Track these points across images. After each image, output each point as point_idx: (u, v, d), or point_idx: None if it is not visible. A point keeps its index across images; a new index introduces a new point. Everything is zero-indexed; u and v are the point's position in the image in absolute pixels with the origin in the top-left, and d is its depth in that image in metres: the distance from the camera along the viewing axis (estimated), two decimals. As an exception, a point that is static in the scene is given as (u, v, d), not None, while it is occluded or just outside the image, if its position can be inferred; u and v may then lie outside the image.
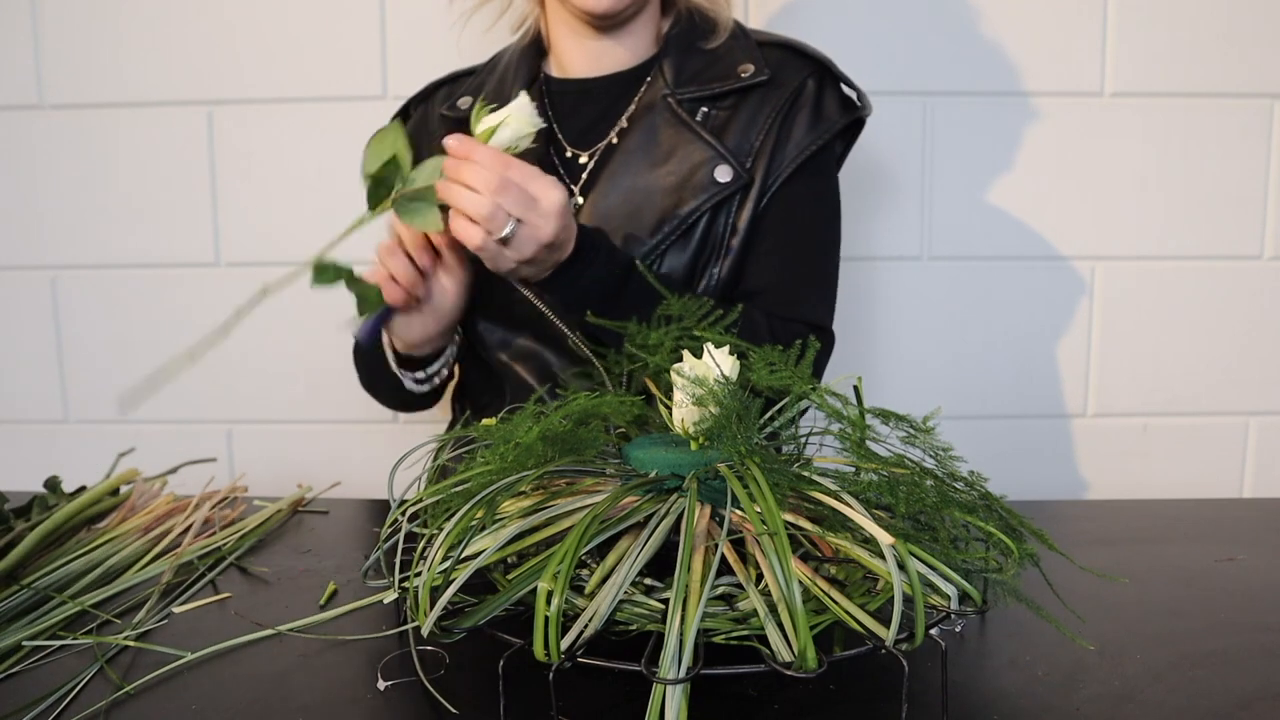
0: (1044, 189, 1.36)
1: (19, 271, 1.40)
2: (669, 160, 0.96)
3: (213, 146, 1.37)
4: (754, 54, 0.99)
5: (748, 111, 0.97)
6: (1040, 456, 1.41)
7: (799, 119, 0.98)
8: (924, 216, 1.37)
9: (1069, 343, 1.39)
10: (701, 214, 0.95)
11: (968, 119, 1.35)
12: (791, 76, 0.98)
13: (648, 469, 0.63)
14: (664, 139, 0.97)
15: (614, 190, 0.96)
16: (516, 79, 1.02)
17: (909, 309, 1.38)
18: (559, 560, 0.50)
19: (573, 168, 1.00)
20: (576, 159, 1.00)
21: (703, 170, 0.96)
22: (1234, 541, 0.84)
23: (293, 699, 0.56)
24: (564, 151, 1.01)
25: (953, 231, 1.37)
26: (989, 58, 1.34)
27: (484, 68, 1.08)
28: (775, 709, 0.54)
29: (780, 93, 0.98)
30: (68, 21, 1.35)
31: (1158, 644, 0.62)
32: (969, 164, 1.36)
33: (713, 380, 0.62)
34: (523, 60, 1.04)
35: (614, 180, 0.97)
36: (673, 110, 0.97)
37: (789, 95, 0.98)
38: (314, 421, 1.43)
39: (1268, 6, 1.32)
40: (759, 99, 0.98)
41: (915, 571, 0.51)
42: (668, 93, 0.98)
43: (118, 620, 0.68)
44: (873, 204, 1.36)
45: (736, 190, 0.96)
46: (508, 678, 0.52)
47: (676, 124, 0.97)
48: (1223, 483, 1.41)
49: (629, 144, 0.98)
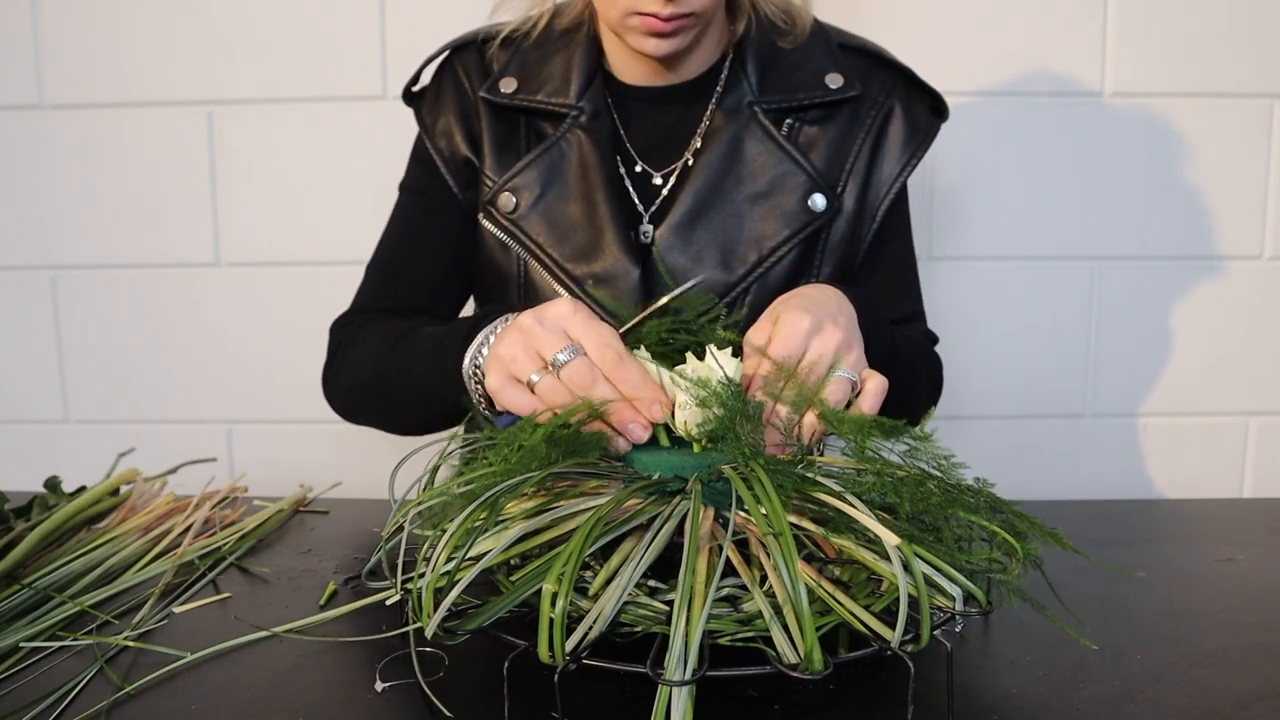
0: (1044, 189, 1.36)
1: (19, 271, 1.40)
2: (756, 180, 0.88)
3: (213, 146, 1.37)
4: (839, 59, 0.90)
5: (838, 128, 0.90)
6: (1040, 456, 1.41)
7: (893, 137, 0.91)
8: (924, 216, 1.37)
9: (1069, 343, 1.39)
10: (795, 245, 0.88)
11: (968, 119, 1.35)
12: (879, 90, 0.91)
13: (651, 471, 0.63)
14: (750, 155, 0.88)
15: (701, 213, 0.87)
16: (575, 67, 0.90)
17: (909, 309, 1.38)
18: (563, 562, 0.50)
19: (644, 186, 0.91)
20: (649, 177, 0.91)
21: (795, 197, 0.88)
22: (1234, 541, 0.84)
23: (292, 699, 0.56)
24: (634, 165, 0.92)
25: (953, 231, 1.37)
26: (988, 58, 1.34)
27: (521, 36, 0.93)
28: (776, 710, 0.54)
29: (872, 110, 0.90)
30: (68, 21, 1.35)
31: (1158, 644, 0.62)
32: (969, 164, 1.36)
33: (715, 382, 0.62)
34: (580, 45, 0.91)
35: (698, 200, 0.87)
36: (759, 122, 0.89)
37: (881, 113, 0.91)
38: (314, 421, 1.43)
39: (1268, 6, 1.32)
40: (849, 115, 0.90)
41: (920, 573, 0.51)
42: (753, 99, 0.89)
43: (116, 620, 0.68)
44: (873, 204, 1.36)
45: (829, 218, 0.89)
46: (511, 679, 0.52)
47: (764, 138, 0.88)
48: (1223, 483, 1.41)
49: (709, 159, 0.88)
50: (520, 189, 0.89)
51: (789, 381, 0.64)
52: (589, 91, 0.90)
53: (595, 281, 0.88)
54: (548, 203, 0.89)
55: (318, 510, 0.97)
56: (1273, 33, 1.32)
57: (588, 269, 0.88)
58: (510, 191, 0.90)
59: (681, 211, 0.88)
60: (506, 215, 0.89)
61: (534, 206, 0.89)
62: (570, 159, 0.89)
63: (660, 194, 0.91)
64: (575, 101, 0.90)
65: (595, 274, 0.88)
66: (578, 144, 0.89)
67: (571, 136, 0.89)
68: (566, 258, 0.89)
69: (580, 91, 0.90)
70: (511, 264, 0.91)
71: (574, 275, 0.89)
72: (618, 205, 0.88)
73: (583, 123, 0.89)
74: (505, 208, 0.90)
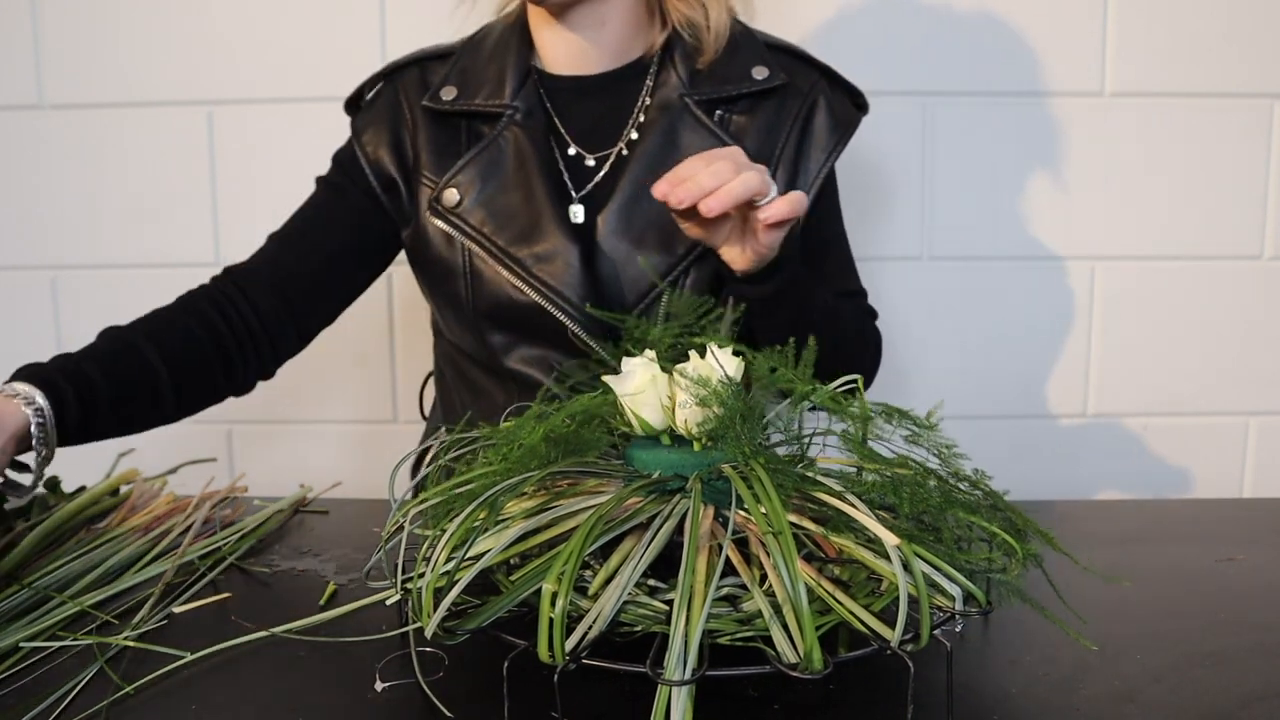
0: (1044, 189, 1.36)
1: (19, 271, 1.40)
2: None
3: (213, 146, 1.37)
4: (764, 55, 0.96)
5: (765, 117, 0.95)
6: (1040, 456, 1.41)
7: (818, 128, 0.96)
8: (924, 216, 1.37)
9: (1069, 343, 1.39)
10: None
11: (968, 119, 1.35)
12: (803, 81, 0.97)
13: (651, 470, 0.63)
14: (686, 143, 0.93)
15: (639, 197, 0.92)
16: (509, 68, 0.96)
17: (909, 309, 1.38)
18: (563, 561, 0.50)
19: (577, 168, 0.97)
20: (582, 159, 0.97)
21: None
22: (1234, 541, 0.84)
23: (292, 699, 0.56)
24: (567, 148, 0.97)
25: (953, 231, 1.37)
26: (989, 58, 1.34)
27: (462, 50, 1.01)
28: (776, 710, 0.54)
29: (797, 98, 0.96)
30: (68, 21, 1.35)
31: (1158, 644, 0.62)
32: (969, 164, 1.36)
33: (715, 381, 0.62)
34: (512, 48, 0.98)
35: (636, 186, 0.92)
36: (692, 112, 0.94)
37: (806, 101, 0.96)
38: (314, 421, 1.43)
39: (1268, 6, 1.32)
40: (776, 104, 0.96)
41: (920, 572, 0.51)
42: (684, 92, 0.95)
43: (116, 621, 0.68)
44: (873, 204, 1.36)
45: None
46: (511, 679, 0.52)
47: (697, 127, 0.94)
48: (1223, 483, 1.41)
49: (646, 148, 0.94)
50: (462, 185, 0.95)
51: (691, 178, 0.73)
52: (523, 90, 0.96)
53: (537, 261, 0.93)
54: (488, 194, 0.95)
55: (318, 510, 0.97)
56: (1273, 33, 1.32)
57: (529, 250, 0.93)
58: (454, 188, 0.95)
59: (622, 198, 0.93)
60: (450, 210, 0.95)
61: (475, 199, 0.95)
62: (507, 154, 0.95)
63: (594, 177, 0.96)
64: (510, 101, 0.96)
65: (536, 254, 0.92)
66: (514, 139, 0.95)
67: (508, 133, 0.95)
68: (508, 242, 0.93)
69: (514, 91, 0.96)
70: (457, 257, 0.96)
71: (516, 258, 0.93)
72: (554, 189, 0.94)
73: (518, 120, 0.95)
74: (449, 203, 0.95)
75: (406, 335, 1.42)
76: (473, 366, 1.04)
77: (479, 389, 1.04)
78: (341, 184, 1.01)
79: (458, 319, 0.99)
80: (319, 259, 0.98)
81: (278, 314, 0.95)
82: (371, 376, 1.42)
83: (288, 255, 0.98)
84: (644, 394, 0.65)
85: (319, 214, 1.01)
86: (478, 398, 1.04)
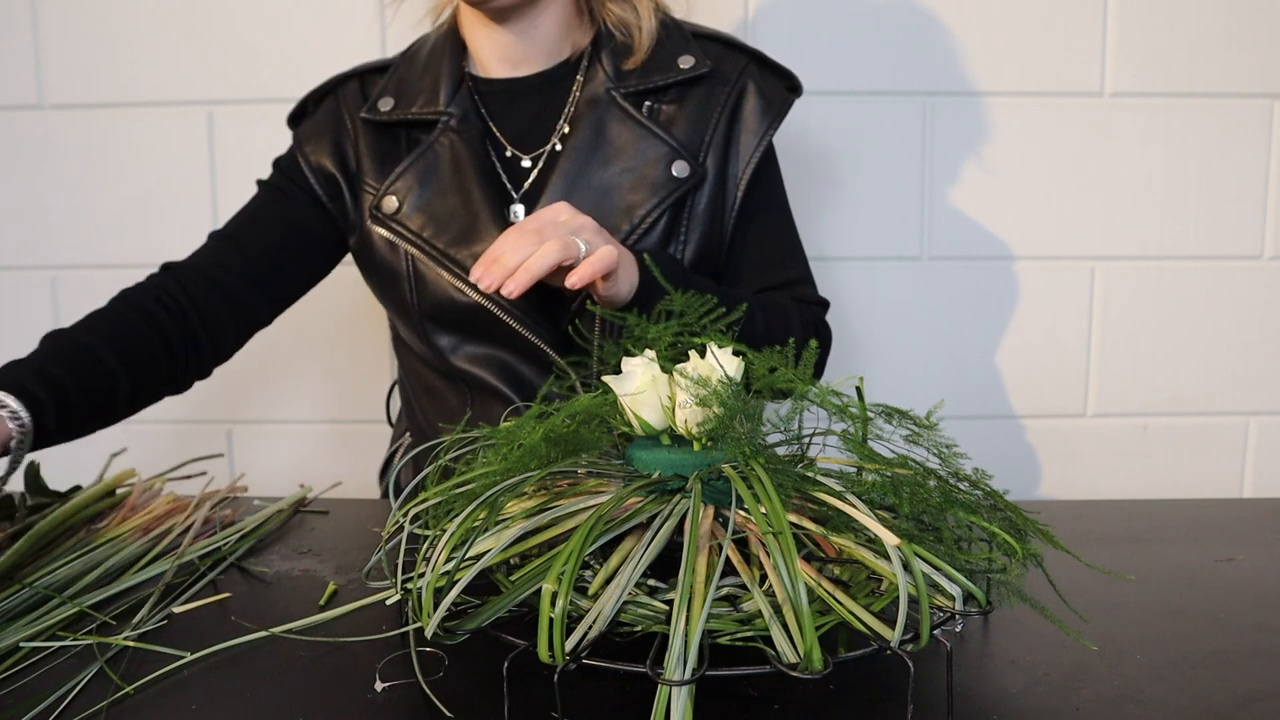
0: (1044, 189, 1.36)
1: (19, 271, 1.40)
2: (621, 157, 0.95)
3: (213, 146, 1.37)
4: (690, 46, 0.98)
5: (694, 104, 0.97)
6: (1040, 456, 1.41)
7: (748, 112, 0.98)
8: (924, 216, 1.37)
9: (1069, 343, 1.39)
10: (663, 211, 0.94)
11: (968, 119, 1.35)
12: (731, 67, 0.99)
13: (651, 470, 0.63)
14: (614, 135, 0.95)
15: (572, 191, 0.94)
16: (443, 76, 0.98)
17: (909, 309, 1.38)
18: (563, 561, 0.50)
19: (514, 169, 0.98)
20: (518, 160, 0.98)
21: (659, 166, 0.95)
22: (1234, 541, 0.84)
23: (292, 699, 0.56)
24: (503, 150, 0.99)
25: (953, 231, 1.37)
26: (989, 58, 1.34)
27: (400, 61, 1.03)
28: (776, 710, 0.54)
29: (725, 84, 0.97)
30: (68, 21, 1.35)
31: (1158, 644, 0.62)
32: (969, 164, 1.36)
33: (716, 381, 0.62)
34: (445, 55, 1.00)
35: (568, 181, 0.94)
36: (619, 105, 0.96)
37: (734, 86, 0.98)
38: (314, 421, 1.43)
39: (1268, 6, 1.32)
40: (704, 92, 0.97)
41: (920, 572, 0.51)
42: (611, 87, 0.96)
43: (113, 622, 0.68)
44: (873, 204, 1.37)
45: (693, 184, 0.95)
46: (511, 679, 0.52)
47: (625, 119, 0.96)
48: (1223, 483, 1.41)
49: (576, 142, 0.95)
50: (401, 191, 0.97)
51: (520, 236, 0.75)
52: (457, 96, 0.98)
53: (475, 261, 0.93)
54: (426, 199, 0.96)
55: (318, 510, 0.97)
56: (1273, 33, 1.32)
57: (468, 251, 0.94)
58: (393, 195, 0.97)
59: (554, 194, 0.94)
60: (390, 216, 0.97)
61: (414, 205, 0.96)
62: (443, 159, 0.97)
63: (530, 175, 0.98)
64: (444, 108, 0.98)
65: (475, 254, 0.93)
66: (450, 144, 0.97)
67: (444, 139, 0.97)
68: (448, 244, 0.95)
69: (449, 98, 0.98)
70: (400, 262, 0.98)
71: (456, 259, 0.95)
72: (491, 190, 0.95)
73: (453, 125, 0.97)
74: (388, 209, 0.97)
75: (406, 335, 1.42)
76: (427, 370, 1.05)
77: (434, 392, 1.05)
78: (285, 187, 1.02)
79: (406, 322, 1.01)
80: (262, 259, 0.98)
81: (218, 312, 0.94)
82: (371, 376, 1.42)
83: (231, 254, 0.97)
84: (644, 394, 0.65)
85: (262, 215, 1.01)
86: (433, 401, 1.05)
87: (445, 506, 0.62)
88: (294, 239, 1.00)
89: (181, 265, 0.96)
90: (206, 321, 0.93)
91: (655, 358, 0.67)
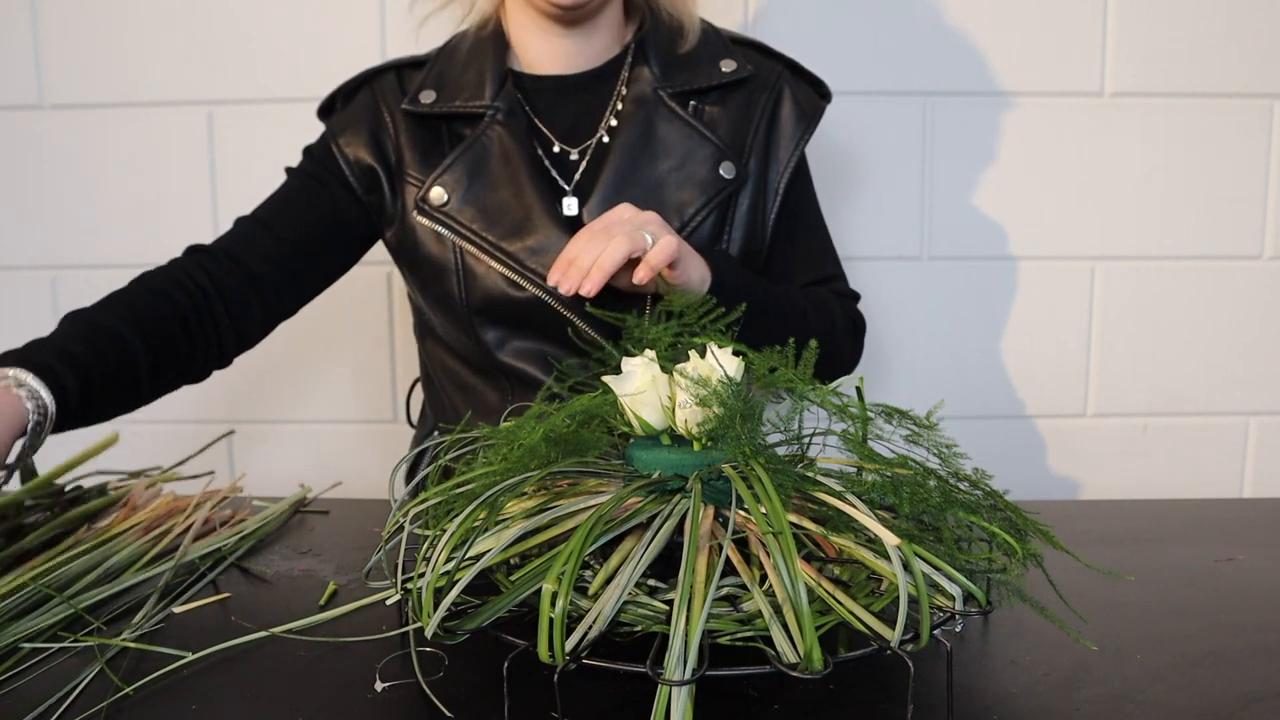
0: (1044, 189, 1.36)
1: (19, 271, 1.40)
2: (670, 155, 0.96)
3: (213, 146, 1.37)
4: (730, 50, 1.01)
5: (736, 107, 0.99)
6: (1040, 456, 1.41)
7: (784, 118, 1.00)
8: (924, 216, 1.37)
9: (1069, 343, 1.39)
10: (711, 210, 0.96)
11: (968, 119, 1.35)
12: (768, 73, 1.01)
13: (651, 469, 0.63)
14: (662, 134, 0.97)
15: (624, 187, 0.95)
16: (487, 71, 0.98)
17: (909, 309, 1.38)
18: (563, 561, 0.50)
19: (563, 163, 0.99)
20: (566, 155, 0.99)
21: (706, 166, 0.96)
22: (1234, 541, 0.84)
23: (292, 699, 0.56)
24: (550, 145, 0.99)
25: (953, 231, 1.37)
26: (989, 58, 1.34)
27: (437, 56, 1.03)
28: (777, 710, 0.54)
29: (764, 90, 1.00)
30: (68, 21, 1.35)
31: (1158, 644, 0.62)
32: (969, 164, 1.36)
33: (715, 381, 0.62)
34: (489, 51, 1.00)
35: (620, 177, 0.95)
36: (666, 104, 0.97)
37: (772, 92, 1.00)
38: (314, 421, 1.43)
39: (1268, 6, 1.32)
40: (746, 95, 1.00)
41: (920, 572, 0.51)
42: (657, 85, 0.98)
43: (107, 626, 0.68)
44: (873, 204, 1.37)
45: (737, 186, 0.97)
46: (511, 679, 0.52)
47: (672, 119, 0.97)
48: (1223, 483, 1.41)
49: (625, 139, 0.96)
50: (449, 184, 0.97)
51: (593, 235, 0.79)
52: (502, 91, 0.98)
53: (530, 254, 0.94)
54: (475, 192, 0.96)
55: (318, 510, 0.97)
56: (1273, 33, 1.32)
57: (521, 244, 0.95)
58: (440, 187, 0.97)
59: (605, 189, 0.95)
60: (438, 209, 0.97)
61: (464, 198, 0.96)
62: (493, 152, 0.97)
63: (579, 168, 0.99)
64: (490, 102, 0.98)
65: (529, 247, 0.94)
66: (498, 138, 0.97)
67: (491, 133, 0.97)
68: (500, 237, 0.95)
69: (494, 92, 0.98)
70: (448, 254, 0.97)
71: (509, 252, 0.95)
72: (541, 184, 0.96)
73: (499, 119, 0.97)
74: (436, 202, 0.97)
75: (406, 335, 1.42)
76: (464, 367, 1.04)
77: (470, 389, 1.04)
78: (320, 176, 1.00)
79: (449, 317, 1.00)
80: (296, 246, 0.97)
81: (244, 298, 0.92)
82: (371, 376, 1.42)
83: (263, 239, 0.96)
84: (644, 394, 0.65)
85: (296, 202, 1.00)
86: (469, 397, 1.05)
87: (445, 506, 0.62)
88: (328, 229, 0.99)
89: (208, 248, 0.94)
90: (230, 307, 0.91)
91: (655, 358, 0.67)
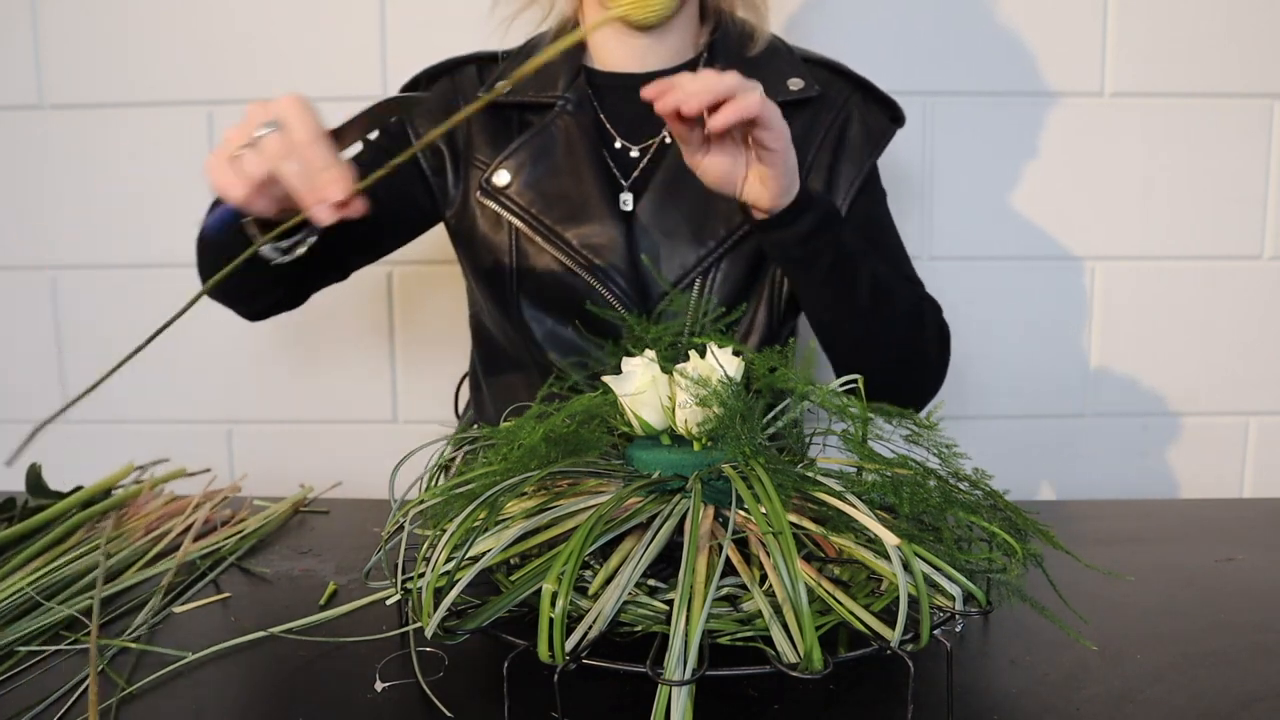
0: (1044, 189, 1.36)
1: (19, 271, 1.40)
2: None
3: (213, 146, 1.36)
4: (800, 69, 1.01)
5: (800, 125, 0.98)
6: (1040, 456, 1.41)
7: (852, 140, 1.01)
8: (924, 216, 1.37)
9: (1069, 343, 1.39)
10: None
11: (968, 119, 1.35)
12: (837, 94, 1.01)
13: (651, 469, 0.63)
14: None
15: (680, 188, 0.96)
16: (561, 67, 1.02)
17: (909, 309, 1.38)
18: (563, 561, 0.50)
19: (624, 160, 1.01)
20: (627, 151, 1.01)
21: None
22: (1234, 541, 0.84)
23: (292, 699, 0.56)
24: (613, 142, 1.01)
25: (953, 231, 1.37)
26: (989, 58, 1.34)
27: (516, 53, 1.06)
28: (777, 710, 0.54)
29: (830, 110, 1.00)
30: (68, 21, 1.35)
31: (1158, 644, 0.62)
32: (969, 164, 1.36)
33: (715, 381, 0.62)
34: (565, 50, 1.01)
35: (673, 177, 0.96)
36: None
37: (840, 113, 1.01)
38: (314, 421, 1.43)
39: (1268, 6, 1.32)
40: (811, 114, 1.00)
41: (920, 572, 0.51)
42: None
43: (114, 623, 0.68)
44: (873, 204, 1.36)
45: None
46: (511, 679, 0.52)
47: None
48: (1223, 483, 1.41)
49: None
50: (513, 167, 0.99)
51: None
52: (573, 85, 1.01)
53: (583, 241, 0.96)
54: (537, 177, 0.98)
55: (318, 510, 0.97)
56: (1273, 33, 1.32)
57: (576, 231, 0.97)
58: (505, 169, 0.99)
59: (659, 187, 0.97)
60: (500, 190, 0.99)
61: (526, 181, 0.99)
62: (558, 140, 0.99)
63: (639, 165, 1.00)
64: (561, 93, 1.01)
65: (582, 235, 0.97)
66: (564, 128, 0.99)
67: (559, 122, 1.00)
68: (555, 221, 0.97)
69: (566, 85, 1.01)
70: (504, 239, 0.99)
71: (563, 236, 0.97)
72: (601, 176, 0.98)
73: (568, 110, 1.00)
74: (499, 183, 0.99)
75: (406, 335, 1.42)
76: (504, 359, 1.06)
77: (507, 388, 1.06)
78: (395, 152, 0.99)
79: (497, 299, 1.01)
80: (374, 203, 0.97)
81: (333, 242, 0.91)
82: (371, 376, 1.42)
83: None
84: (644, 394, 0.65)
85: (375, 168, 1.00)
86: (504, 393, 1.06)
87: (445, 506, 0.62)
88: (396, 202, 1.02)
89: None
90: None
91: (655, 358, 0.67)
